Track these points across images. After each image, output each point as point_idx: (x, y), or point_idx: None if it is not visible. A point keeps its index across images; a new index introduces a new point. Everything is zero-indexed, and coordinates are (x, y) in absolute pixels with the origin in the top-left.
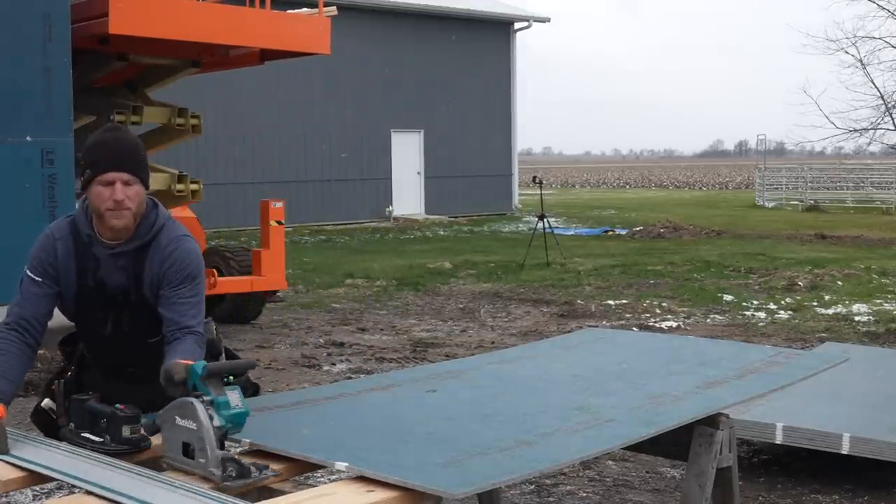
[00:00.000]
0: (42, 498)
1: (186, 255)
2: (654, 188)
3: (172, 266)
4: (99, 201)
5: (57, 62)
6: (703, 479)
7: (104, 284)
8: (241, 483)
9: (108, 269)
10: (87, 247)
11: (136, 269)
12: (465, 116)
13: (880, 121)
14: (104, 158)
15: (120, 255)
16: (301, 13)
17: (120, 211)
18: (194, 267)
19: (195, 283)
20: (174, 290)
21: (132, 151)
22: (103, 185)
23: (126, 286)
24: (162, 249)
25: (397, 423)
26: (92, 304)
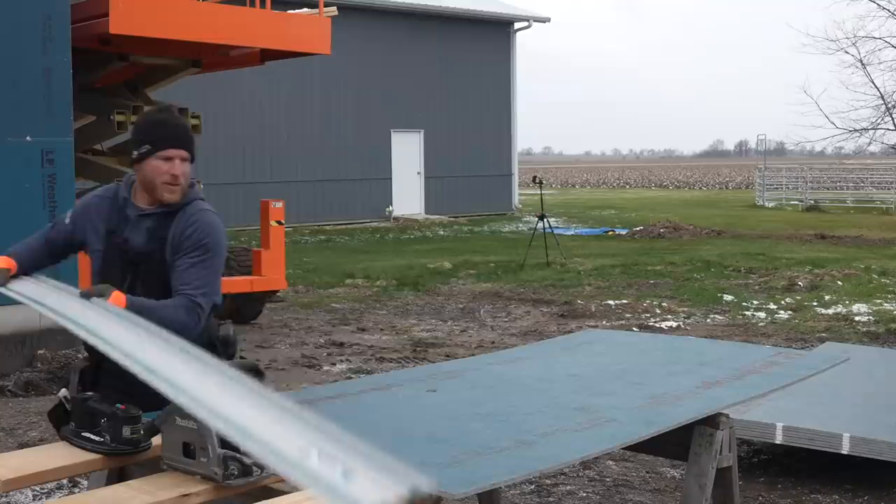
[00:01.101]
0: (42, 498)
1: (207, 226)
2: (654, 188)
3: (193, 234)
4: (156, 174)
5: (57, 62)
6: (703, 479)
7: (128, 243)
8: (244, 481)
9: (134, 229)
10: (122, 209)
11: (161, 233)
12: (465, 116)
13: (880, 121)
14: (167, 136)
15: (147, 217)
16: (301, 13)
17: (175, 185)
18: (211, 239)
19: (208, 255)
20: (185, 256)
21: (189, 132)
22: (163, 160)
23: (148, 247)
24: (187, 217)
25: (397, 423)
26: (114, 262)
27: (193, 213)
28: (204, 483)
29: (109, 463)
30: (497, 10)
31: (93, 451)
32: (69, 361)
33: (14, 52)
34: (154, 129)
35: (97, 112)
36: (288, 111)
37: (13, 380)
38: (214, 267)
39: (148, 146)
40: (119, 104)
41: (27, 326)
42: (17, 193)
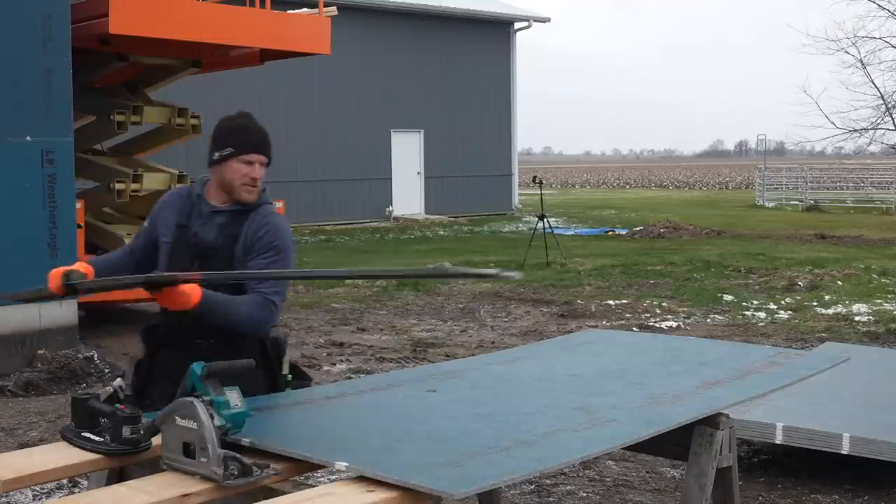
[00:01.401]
0: (42, 498)
1: (277, 229)
2: (654, 188)
3: (264, 236)
4: (236, 176)
5: (57, 62)
6: (703, 479)
7: (198, 236)
8: (244, 482)
9: (206, 224)
10: (195, 205)
11: (232, 230)
12: (465, 116)
13: (880, 121)
14: (250, 142)
15: (219, 214)
16: (301, 13)
17: (253, 187)
18: (281, 241)
19: (279, 256)
20: (258, 257)
21: (268, 138)
22: (244, 163)
23: (218, 243)
24: (259, 219)
25: (397, 423)
26: (183, 254)
27: (265, 215)
28: (204, 483)
29: (109, 463)
30: (497, 10)
31: (93, 451)
32: (69, 361)
33: (14, 52)
34: (238, 134)
35: (97, 112)
36: (288, 111)
37: (13, 380)
38: (285, 267)
39: (231, 149)
40: (119, 104)
41: (27, 326)
42: (17, 193)
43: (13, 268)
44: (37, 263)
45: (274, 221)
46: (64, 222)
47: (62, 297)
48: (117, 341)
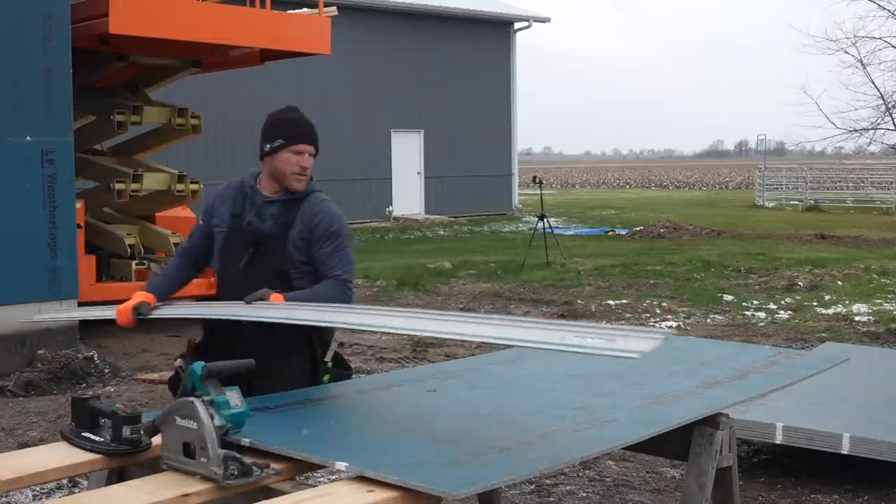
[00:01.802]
0: (42, 498)
1: (331, 215)
2: (654, 188)
3: (320, 224)
4: (287, 166)
5: (57, 62)
6: (703, 479)
7: (251, 225)
8: (244, 482)
9: (259, 213)
10: (248, 196)
11: (284, 218)
12: (465, 116)
13: (880, 121)
14: (300, 133)
15: (272, 204)
16: (301, 13)
17: (302, 176)
18: (338, 225)
19: (340, 239)
20: (322, 246)
21: (315, 129)
22: (294, 153)
23: (270, 231)
24: (312, 208)
25: (397, 423)
26: (236, 241)
27: (316, 203)
28: (204, 483)
29: (109, 463)
30: (497, 10)
31: (93, 451)
32: (69, 361)
33: (14, 52)
34: (287, 126)
35: (97, 112)
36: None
37: (13, 380)
38: (348, 248)
39: (281, 140)
40: (119, 104)
41: (27, 326)
42: (17, 193)
43: (13, 268)
44: (37, 263)
45: (326, 209)
46: (64, 222)
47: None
48: (117, 341)
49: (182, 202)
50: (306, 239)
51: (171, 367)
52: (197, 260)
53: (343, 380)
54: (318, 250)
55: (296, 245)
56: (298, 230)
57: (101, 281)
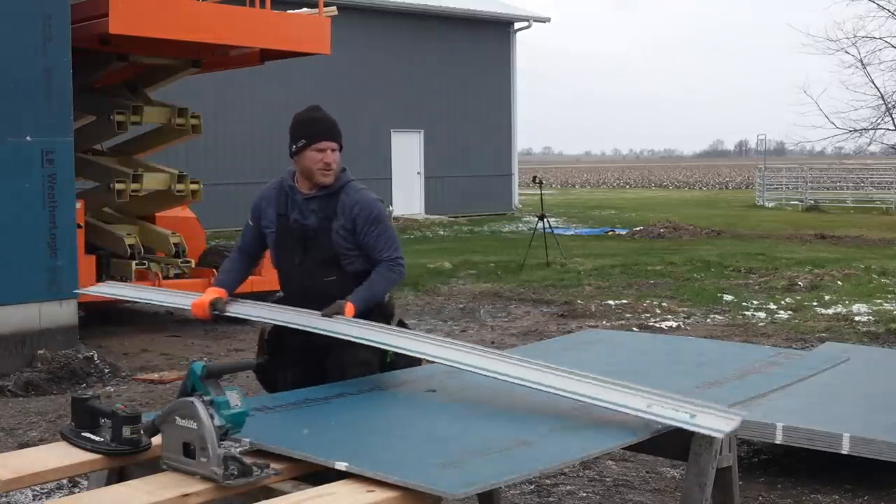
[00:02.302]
0: (42, 498)
1: (367, 203)
2: (654, 188)
3: (360, 213)
4: (312, 163)
5: (57, 62)
6: (703, 479)
7: (297, 222)
8: (244, 482)
9: (302, 210)
10: (289, 195)
11: (325, 212)
12: (465, 116)
13: (880, 121)
14: (320, 131)
15: (312, 200)
16: (301, 13)
17: (328, 170)
18: (376, 210)
19: (381, 223)
20: (366, 233)
21: (337, 126)
22: (317, 150)
23: (315, 225)
24: (350, 197)
25: (397, 423)
26: (286, 238)
27: (352, 193)
28: (204, 483)
29: (109, 463)
30: (497, 10)
31: (93, 451)
32: (69, 361)
33: (14, 52)
34: (309, 125)
35: (97, 112)
36: (288, 111)
37: (13, 380)
38: (389, 228)
39: (304, 140)
40: (119, 104)
41: (27, 326)
42: (17, 193)
43: (13, 267)
44: (37, 263)
45: (363, 198)
46: (64, 222)
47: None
48: (117, 341)
49: (182, 202)
50: (350, 230)
51: (170, 367)
52: (252, 257)
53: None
54: (363, 238)
55: (340, 235)
56: (341, 222)
57: (101, 281)
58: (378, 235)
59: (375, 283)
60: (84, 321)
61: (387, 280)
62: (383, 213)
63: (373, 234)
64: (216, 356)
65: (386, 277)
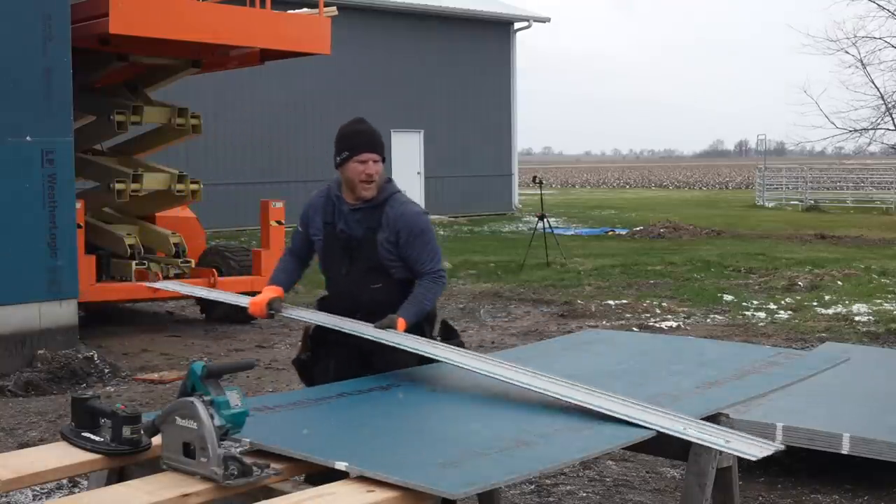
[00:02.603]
0: (42, 498)
1: (412, 216)
2: (654, 188)
3: (404, 227)
4: (354, 174)
5: (57, 62)
6: (703, 479)
7: (343, 232)
8: (244, 482)
9: (348, 221)
10: (335, 205)
11: (370, 223)
12: (465, 116)
13: (880, 121)
14: (362, 143)
15: (357, 211)
16: (301, 13)
17: (370, 183)
18: (420, 223)
19: (425, 236)
20: (412, 245)
21: (379, 138)
22: (359, 162)
23: (360, 235)
24: (395, 210)
25: (397, 423)
26: (333, 247)
27: (396, 206)
28: (204, 483)
29: (109, 463)
30: (497, 10)
31: (93, 451)
32: (69, 361)
33: (14, 52)
34: (351, 138)
35: (97, 112)
36: (287, 111)
37: (13, 380)
38: (433, 241)
39: (347, 152)
40: (119, 104)
41: (27, 326)
42: (17, 193)
43: (13, 267)
44: (37, 263)
45: (407, 211)
46: (64, 222)
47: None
48: (117, 341)
49: (182, 202)
50: (393, 242)
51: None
52: (302, 259)
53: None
54: (407, 250)
55: (384, 247)
56: (386, 234)
57: (101, 281)
58: (421, 248)
59: (423, 297)
60: (84, 321)
61: (433, 293)
62: (427, 226)
63: (416, 247)
64: (216, 356)
65: (432, 290)
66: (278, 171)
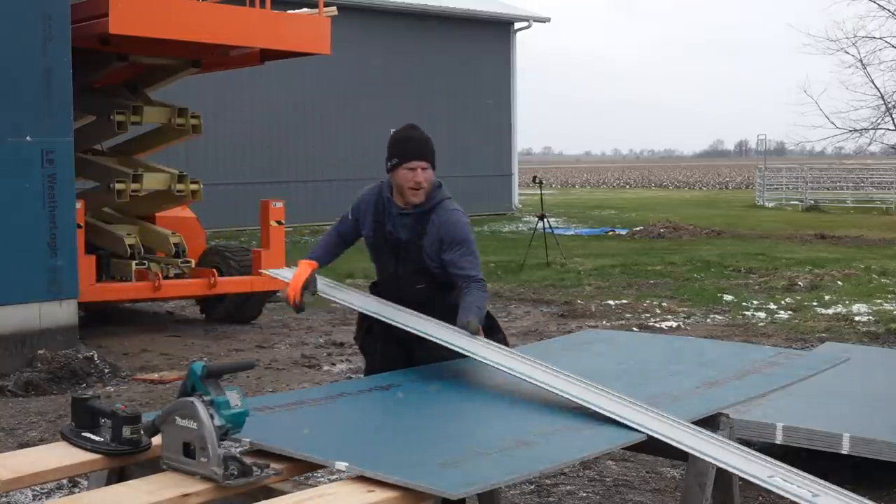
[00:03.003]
0: (42, 498)
1: (456, 225)
2: (654, 188)
3: (448, 233)
4: (404, 181)
5: (57, 62)
6: (703, 479)
7: (391, 234)
8: (243, 482)
9: (396, 223)
10: (385, 206)
11: (418, 228)
12: (465, 116)
13: (880, 121)
14: (411, 150)
15: (406, 216)
16: (301, 13)
17: (418, 189)
18: (463, 232)
19: (466, 244)
20: (453, 251)
21: (428, 145)
22: (409, 169)
23: (407, 238)
24: (441, 217)
25: (397, 423)
26: (382, 246)
27: (442, 213)
28: (204, 483)
29: (109, 463)
30: (497, 10)
31: (93, 451)
32: (69, 361)
33: (14, 52)
34: (401, 144)
35: (97, 112)
36: (287, 111)
37: (13, 380)
38: (474, 249)
39: (397, 159)
40: (119, 104)
41: (27, 326)
42: (17, 193)
43: (13, 267)
44: (37, 263)
45: (451, 219)
46: (64, 222)
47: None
48: (117, 341)
49: (182, 202)
50: (437, 249)
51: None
52: (346, 242)
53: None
54: (446, 254)
55: (428, 253)
56: (430, 241)
57: (101, 281)
58: (462, 255)
59: (478, 303)
60: (84, 321)
61: (483, 299)
62: (468, 236)
63: (457, 253)
64: (216, 356)
65: (479, 297)
66: (278, 171)
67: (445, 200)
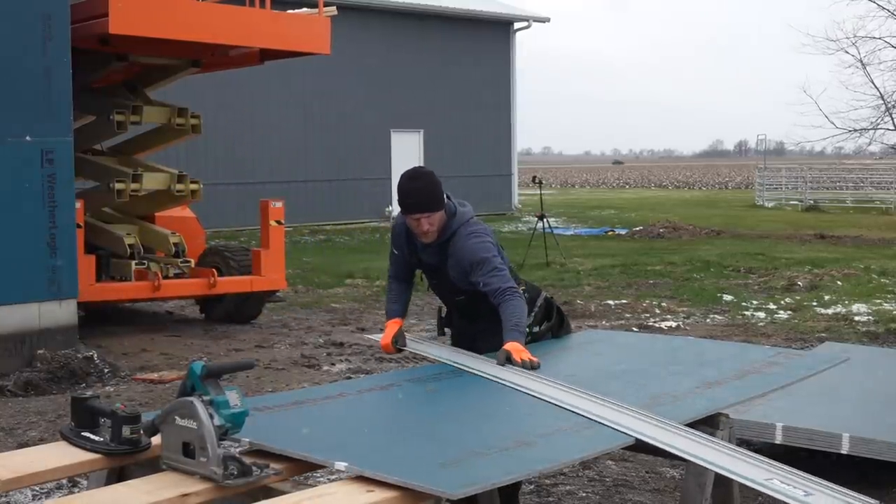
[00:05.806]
0: (42, 498)
1: (472, 251)
2: (653, 188)
3: (465, 260)
4: (412, 227)
5: (57, 62)
6: (702, 479)
7: (422, 260)
8: (243, 482)
9: (424, 252)
10: (411, 236)
11: (441, 256)
12: (465, 116)
13: (880, 121)
14: (409, 205)
15: (428, 247)
16: (301, 13)
17: (426, 234)
18: (479, 256)
19: (487, 262)
20: (476, 274)
21: (428, 196)
22: (413, 219)
23: (435, 264)
24: (456, 245)
25: (397, 423)
26: (420, 266)
27: (459, 240)
28: (204, 483)
29: (109, 463)
30: (497, 10)
31: (93, 451)
32: (69, 361)
33: (14, 52)
34: (401, 198)
35: (97, 112)
36: (287, 111)
37: (13, 380)
38: (496, 263)
39: (400, 209)
40: (119, 104)
41: (27, 326)
42: (17, 193)
43: (13, 267)
44: (37, 263)
45: (466, 246)
46: (64, 222)
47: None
48: (117, 341)
49: (182, 202)
50: (462, 273)
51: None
52: (407, 281)
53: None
54: (472, 277)
55: (456, 277)
56: (453, 268)
57: (100, 281)
58: (485, 274)
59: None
60: (84, 321)
61: (520, 308)
62: (488, 252)
63: (481, 273)
64: (216, 356)
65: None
66: (278, 171)
67: (461, 228)
